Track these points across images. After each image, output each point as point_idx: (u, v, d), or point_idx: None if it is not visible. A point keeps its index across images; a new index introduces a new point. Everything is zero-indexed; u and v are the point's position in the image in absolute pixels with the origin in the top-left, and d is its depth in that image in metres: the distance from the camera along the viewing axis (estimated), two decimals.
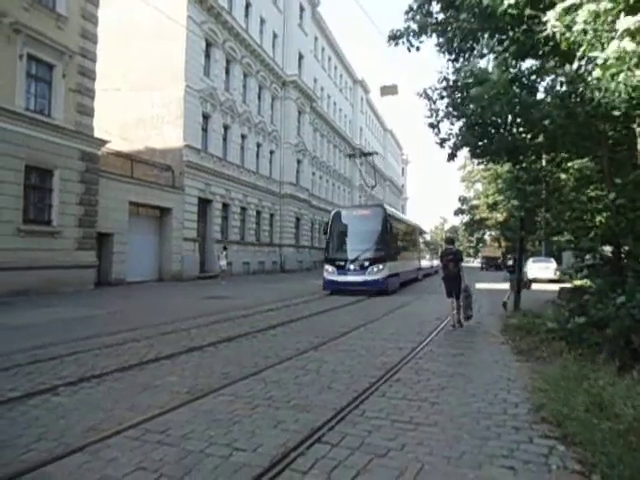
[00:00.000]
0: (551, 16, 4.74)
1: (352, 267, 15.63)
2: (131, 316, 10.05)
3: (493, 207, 39.14)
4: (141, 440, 3.47)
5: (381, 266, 15.57)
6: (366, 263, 15.56)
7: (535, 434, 3.62)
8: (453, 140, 8.93)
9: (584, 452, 3.22)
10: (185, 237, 21.53)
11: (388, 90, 21.14)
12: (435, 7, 8.33)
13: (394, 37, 8.33)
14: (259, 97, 29.31)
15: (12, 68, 13.20)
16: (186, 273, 21.11)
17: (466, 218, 55.83)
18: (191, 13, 21.68)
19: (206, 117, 23.59)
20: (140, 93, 21.60)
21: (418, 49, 8.62)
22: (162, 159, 21.28)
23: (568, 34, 4.72)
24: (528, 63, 8.03)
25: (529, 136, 8.53)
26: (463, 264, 9.57)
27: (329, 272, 16.02)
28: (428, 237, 37.72)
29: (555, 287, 14.77)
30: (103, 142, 16.60)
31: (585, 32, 4.58)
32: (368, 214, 16.92)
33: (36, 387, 4.76)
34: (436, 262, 31.23)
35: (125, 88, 21.54)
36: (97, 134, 16.33)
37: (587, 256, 7.93)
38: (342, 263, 15.84)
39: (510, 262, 13.61)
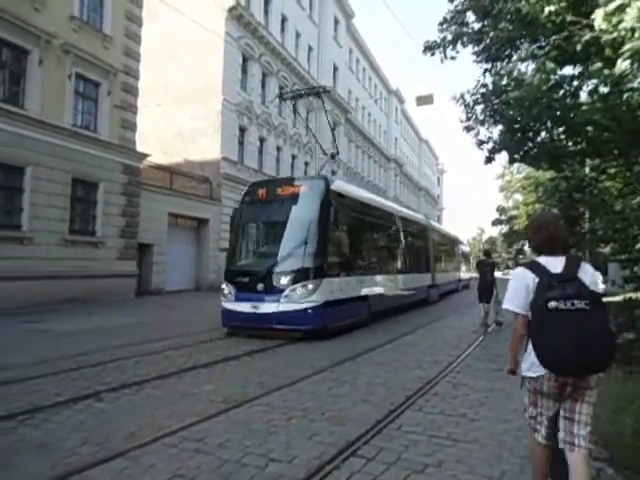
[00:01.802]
0: (598, 15, 4.63)
1: (261, 288, 8.76)
2: (170, 325, 10.29)
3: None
4: (179, 448, 3.52)
5: (311, 286, 8.58)
6: (283, 280, 8.69)
7: None
8: (491, 144, 8.85)
9: (635, 477, 3.05)
10: (221, 248, 21.90)
11: (424, 100, 21.00)
12: (470, 17, 8.30)
13: (430, 47, 8.35)
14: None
15: (62, 87, 13.91)
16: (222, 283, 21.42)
17: (505, 229, 54.37)
18: (229, 29, 22.29)
19: (243, 130, 24.08)
20: (180, 108, 22.30)
21: (453, 58, 8.63)
22: (200, 171, 21.83)
23: (615, 33, 4.60)
24: (568, 70, 7.85)
25: (571, 143, 8.31)
26: (506, 276, 9.79)
27: (226, 296, 9.24)
28: (466, 248, 36.58)
29: None
30: (144, 156, 17.22)
31: (633, 31, 4.44)
32: (299, 193, 9.47)
33: (80, 392, 4.92)
34: (469, 275, 30.32)
35: (165, 103, 22.28)
36: (139, 148, 16.96)
37: (636, 267, 7.58)
38: (246, 280, 9.06)
39: None
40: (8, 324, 9.68)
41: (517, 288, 2.50)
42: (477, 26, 8.38)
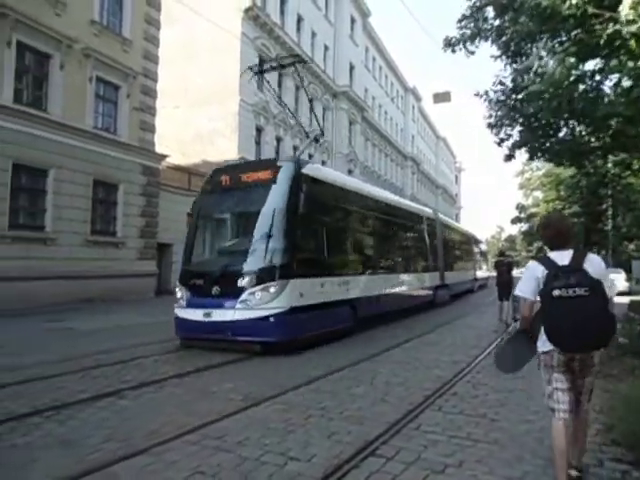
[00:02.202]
0: (625, 4, 4.53)
1: (216, 291, 7.37)
2: None
3: None
4: (199, 445, 3.56)
5: (274, 288, 7.13)
6: (241, 282, 7.23)
7: (605, 457, 3.38)
8: (512, 140, 8.78)
9: None
10: None
11: (441, 97, 20.81)
12: (490, 13, 8.21)
13: (450, 44, 8.30)
14: (311, 109, 29.70)
15: (82, 90, 14.18)
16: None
17: (524, 227, 53.54)
18: (245, 30, 22.43)
19: (259, 130, 24.20)
20: (198, 109, 22.51)
21: (472, 53, 8.55)
22: None
23: None
24: (589, 65, 7.70)
25: (593, 138, 8.16)
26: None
27: (179, 301, 7.86)
28: (484, 247, 35.73)
29: (625, 300, 13.82)
30: (163, 157, 17.45)
31: None
32: (265, 179, 7.93)
33: (103, 390, 5.02)
34: (487, 274, 29.73)
35: (184, 105, 22.52)
36: (157, 149, 17.20)
37: None
38: (200, 282, 7.72)
39: None
40: (31, 323, 9.92)
41: (527, 278, 2.91)
42: (496, 22, 8.30)
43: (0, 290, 11.27)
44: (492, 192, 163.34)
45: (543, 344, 2.86)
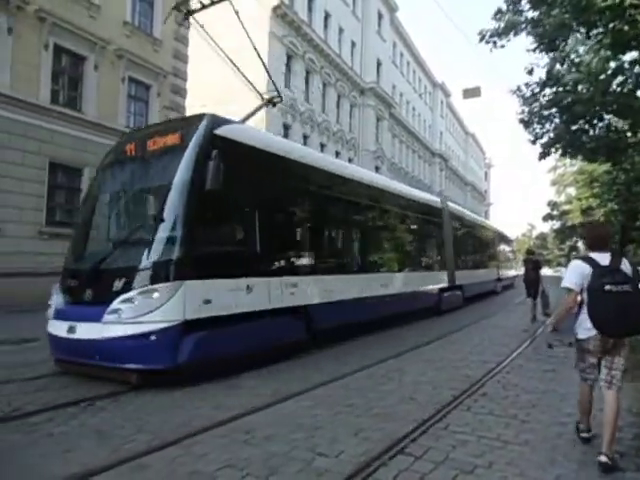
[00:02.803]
0: None
1: (88, 296, 5.47)
2: None
3: (587, 212, 36.25)
4: (228, 438, 3.62)
5: (158, 293, 5.10)
6: (116, 284, 5.26)
7: None
8: (546, 138, 8.61)
9: None
10: None
11: (471, 93, 20.40)
12: (525, 5, 8.07)
13: (483, 37, 8.22)
14: (338, 106, 29.67)
15: (115, 90, 14.54)
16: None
17: (557, 224, 52.08)
18: (273, 28, 22.54)
19: (287, 127, 24.30)
20: (225, 107, 22.74)
21: (503, 47, 8.46)
22: None
23: None
24: (627, 57, 7.44)
25: (630, 133, 7.88)
26: (557, 273, 9.66)
27: (49, 310, 5.95)
28: (511, 242, 34.16)
29: None
30: None
31: None
32: (169, 145, 5.92)
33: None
34: (513, 272, 28.62)
35: (211, 103, 22.78)
36: None
37: None
38: (73, 285, 5.85)
39: None
40: None
41: (574, 273, 3.46)
42: (531, 15, 8.17)
43: None
44: (523, 189, 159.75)
45: (581, 332, 3.45)
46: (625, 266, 3.33)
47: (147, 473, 3.05)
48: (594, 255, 3.42)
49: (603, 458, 3.08)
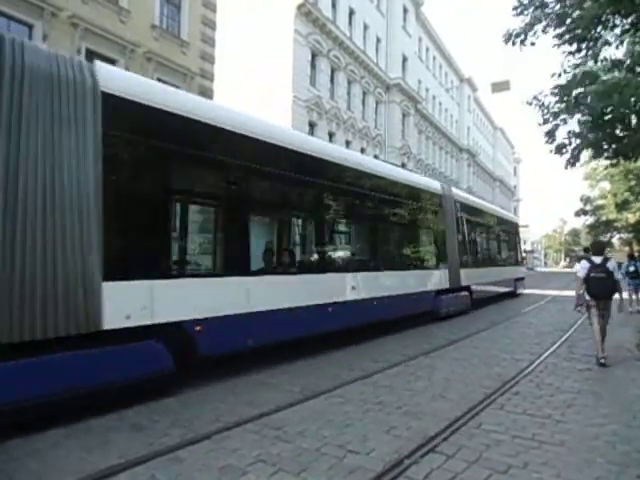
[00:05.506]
0: None
1: None
2: None
3: (623, 207, 35.02)
4: (260, 434, 3.66)
5: None
6: None
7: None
8: (573, 144, 8.33)
9: None
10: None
11: (500, 86, 20.01)
12: None
13: (510, 37, 8.03)
14: (363, 103, 29.52)
15: None
16: None
17: (590, 220, 50.50)
18: (298, 26, 22.57)
19: (312, 125, 24.32)
20: (250, 106, 22.97)
21: (533, 44, 8.24)
22: None
23: None
24: None
25: None
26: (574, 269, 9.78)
27: None
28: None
29: None
30: None
31: None
32: None
33: None
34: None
35: (236, 102, 23.06)
36: None
37: None
38: None
39: (632, 268, 12.72)
40: None
41: (582, 268, 6.39)
42: (556, 7, 7.91)
43: None
44: (554, 184, 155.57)
45: (587, 297, 6.40)
46: (610, 263, 6.27)
47: (181, 466, 3.12)
48: (593, 258, 6.39)
49: (602, 360, 6.14)
